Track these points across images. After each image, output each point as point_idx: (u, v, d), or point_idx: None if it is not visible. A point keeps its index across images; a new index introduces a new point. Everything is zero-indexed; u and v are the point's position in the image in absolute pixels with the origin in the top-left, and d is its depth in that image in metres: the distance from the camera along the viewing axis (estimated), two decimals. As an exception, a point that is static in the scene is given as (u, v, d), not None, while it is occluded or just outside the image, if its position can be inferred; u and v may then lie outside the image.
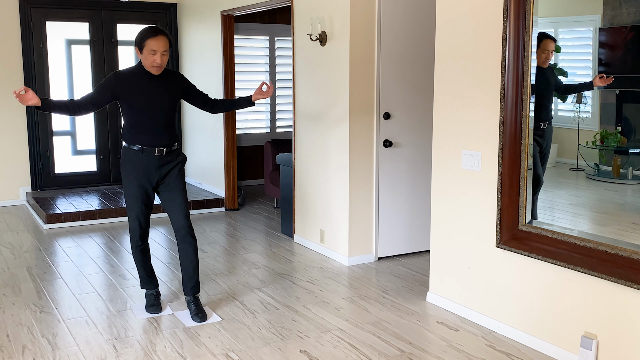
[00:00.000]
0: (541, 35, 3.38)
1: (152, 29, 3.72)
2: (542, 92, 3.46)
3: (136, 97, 3.76)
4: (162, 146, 3.82)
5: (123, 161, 3.88)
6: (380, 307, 4.11)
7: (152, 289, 4.10)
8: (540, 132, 3.49)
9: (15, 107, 7.32)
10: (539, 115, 3.46)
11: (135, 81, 3.78)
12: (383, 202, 5.05)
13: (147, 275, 4.08)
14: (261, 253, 5.40)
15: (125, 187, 3.89)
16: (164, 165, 3.85)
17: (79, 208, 6.56)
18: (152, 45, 3.66)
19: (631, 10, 3.05)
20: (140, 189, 3.84)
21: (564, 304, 3.30)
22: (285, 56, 8.49)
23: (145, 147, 3.79)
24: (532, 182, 3.48)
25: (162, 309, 4.07)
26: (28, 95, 3.49)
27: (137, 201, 3.86)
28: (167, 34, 3.75)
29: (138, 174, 3.82)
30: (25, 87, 3.48)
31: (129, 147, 3.83)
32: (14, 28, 7.24)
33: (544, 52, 3.41)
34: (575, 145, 3.41)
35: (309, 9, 5.23)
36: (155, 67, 3.72)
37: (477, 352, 3.45)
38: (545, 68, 3.45)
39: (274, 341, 3.61)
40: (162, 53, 3.69)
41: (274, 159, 6.94)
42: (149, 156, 3.80)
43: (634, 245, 2.97)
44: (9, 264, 5.07)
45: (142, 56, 3.72)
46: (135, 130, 3.80)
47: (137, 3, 7.80)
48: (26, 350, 3.50)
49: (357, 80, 4.84)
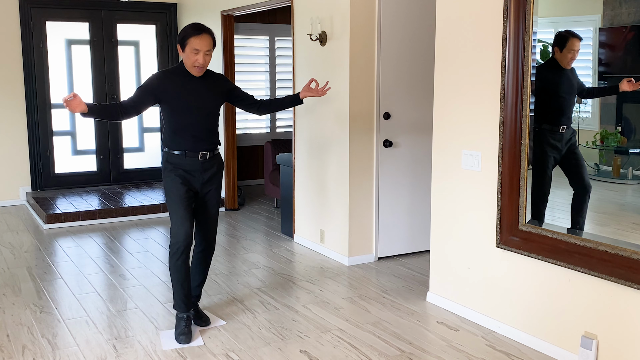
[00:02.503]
0: (567, 33, 3.23)
1: (196, 26, 3.49)
2: (564, 95, 3.32)
3: (179, 100, 3.53)
4: (204, 150, 3.61)
5: (164, 166, 3.63)
6: (380, 307, 4.11)
7: (185, 311, 3.65)
8: (559, 137, 3.36)
9: (16, 107, 7.32)
10: (559, 119, 3.33)
11: (178, 82, 3.55)
12: (383, 202, 5.05)
13: (184, 295, 3.64)
14: (261, 253, 5.40)
15: (167, 192, 3.60)
16: (207, 169, 3.65)
17: (79, 208, 6.56)
18: (195, 44, 3.44)
19: (631, 10, 3.05)
20: (185, 192, 3.57)
21: (564, 304, 3.30)
22: (285, 56, 8.49)
23: (188, 151, 3.58)
24: (541, 188, 3.35)
25: (193, 337, 3.63)
26: (76, 101, 3.26)
27: (182, 204, 3.55)
28: (212, 33, 3.52)
29: (181, 175, 3.58)
30: (74, 92, 3.27)
31: (170, 152, 3.61)
32: (14, 28, 7.24)
33: (570, 52, 3.25)
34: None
35: (309, 9, 5.23)
36: (197, 67, 3.50)
37: (477, 352, 3.45)
38: (569, 69, 3.29)
39: (274, 341, 3.61)
40: (205, 53, 3.47)
41: (274, 159, 6.94)
42: (191, 160, 3.59)
43: (634, 245, 2.97)
44: (9, 264, 5.07)
45: (183, 55, 3.50)
46: (177, 135, 3.58)
47: (137, 3, 7.80)
48: (26, 350, 3.50)
49: (357, 80, 4.84)
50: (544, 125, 3.40)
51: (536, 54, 3.37)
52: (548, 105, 3.39)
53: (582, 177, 3.35)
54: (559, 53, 3.32)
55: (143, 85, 3.57)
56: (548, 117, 3.40)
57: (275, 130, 8.74)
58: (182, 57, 3.54)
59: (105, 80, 7.74)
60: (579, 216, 3.30)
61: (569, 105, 3.36)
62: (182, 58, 3.53)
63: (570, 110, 3.36)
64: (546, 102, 3.39)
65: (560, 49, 3.31)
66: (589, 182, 3.29)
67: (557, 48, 3.33)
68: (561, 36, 3.27)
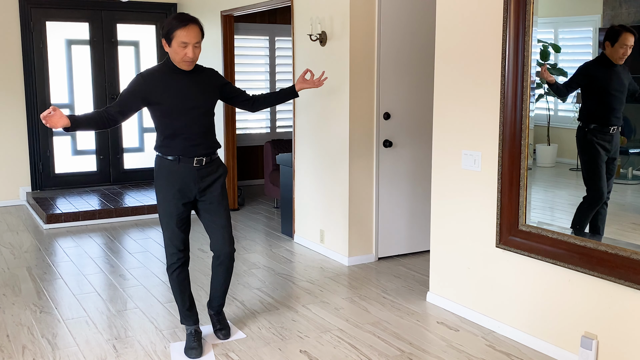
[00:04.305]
0: (620, 27, 3.06)
1: (181, 17, 3.19)
2: (615, 93, 3.16)
3: (168, 100, 3.25)
4: (200, 155, 3.32)
5: (157, 174, 3.37)
6: (380, 307, 4.11)
7: (191, 325, 3.51)
8: (608, 138, 3.17)
9: (16, 107, 7.32)
10: (609, 118, 3.15)
11: (165, 81, 3.26)
12: (383, 202, 5.05)
13: (186, 309, 3.50)
14: (261, 253, 5.40)
15: (159, 204, 3.38)
16: (203, 178, 3.35)
17: (79, 208, 6.56)
18: (182, 36, 3.14)
19: (631, 10, 3.05)
20: (177, 207, 3.33)
21: (563, 304, 3.30)
22: (285, 56, 8.49)
23: (182, 157, 3.30)
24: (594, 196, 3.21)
25: (204, 353, 3.45)
26: (56, 116, 2.99)
27: (173, 219, 3.34)
28: (199, 22, 3.23)
29: (173, 188, 3.31)
30: (53, 106, 2.99)
31: (163, 157, 3.33)
32: (14, 28, 7.24)
33: (622, 46, 3.04)
34: (575, 145, 3.41)
35: (309, 9, 5.23)
36: (187, 62, 3.21)
37: (477, 352, 3.45)
38: (620, 66, 3.09)
39: (274, 341, 3.61)
40: (195, 45, 3.18)
41: (274, 159, 6.94)
42: (186, 168, 3.30)
43: (634, 245, 2.97)
44: (9, 264, 5.07)
45: (170, 50, 3.21)
46: (169, 138, 3.29)
47: (137, 3, 7.80)
48: (26, 350, 3.50)
49: (357, 80, 4.84)
50: (592, 125, 3.23)
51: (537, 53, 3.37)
52: (597, 104, 3.24)
53: (609, 186, 3.21)
54: (610, 48, 3.11)
55: (127, 88, 3.27)
56: (597, 117, 3.22)
57: (275, 130, 8.74)
58: (168, 53, 3.25)
59: (105, 81, 7.74)
60: (600, 223, 3.18)
61: (620, 103, 3.15)
62: (169, 53, 3.24)
63: (621, 110, 3.15)
64: (595, 101, 3.23)
65: (611, 44, 3.09)
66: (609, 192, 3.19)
67: (608, 43, 3.12)
68: (614, 30, 3.06)
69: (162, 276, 4.77)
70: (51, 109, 2.98)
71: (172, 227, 3.36)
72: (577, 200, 3.38)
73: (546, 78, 3.38)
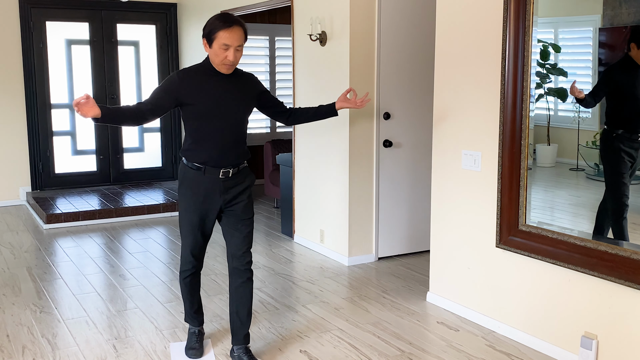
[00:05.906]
0: None
1: (225, 17, 3.02)
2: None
3: (202, 102, 3.07)
4: (228, 166, 3.14)
5: (180, 181, 3.21)
6: (380, 307, 4.11)
7: (196, 326, 3.48)
8: (637, 145, 3.01)
9: (16, 107, 7.32)
10: (637, 123, 2.97)
11: (202, 82, 3.09)
12: (383, 202, 5.05)
13: (193, 311, 3.45)
14: (261, 253, 5.40)
15: (181, 212, 3.23)
16: (229, 189, 3.17)
17: (79, 208, 6.56)
18: (224, 38, 2.98)
19: (631, 10, 3.05)
20: (199, 218, 3.18)
21: (564, 304, 3.30)
22: (285, 56, 8.49)
23: (208, 166, 3.12)
24: (616, 201, 3.09)
25: (204, 353, 3.44)
26: (89, 104, 2.83)
27: (194, 230, 3.21)
28: (243, 25, 3.05)
29: (197, 199, 3.15)
30: (86, 94, 2.84)
31: (188, 165, 3.16)
32: (14, 28, 7.24)
33: None
34: (575, 145, 3.41)
35: (309, 9, 5.23)
36: (226, 65, 3.05)
37: (477, 352, 3.45)
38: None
39: (274, 341, 3.61)
40: (236, 48, 3.02)
41: (274, 159, 6.94)
42: (211, 179, 3.13)
43: (634, 245, 2.97)
44: (9, 264, 5.07)
45: (210, 51, 3.04)
46: (197, 143, 3.12)
47: (137, 3, 7.80)
48: (26, 350, 3.50)
49: (357, 80, 4.84)
50: (619, 131, 3.07)
51: (537, 53, 3.38)
52: (623, 109, 3.08)
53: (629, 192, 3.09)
54: (636, 49, 2.93)
55: (162, 85, 3.11)
56: (624, 122, 3.06)
57: (275, 130, 8.74)
58: (208, 53, 3.09)
59: (105, 81, 7.74)
60: (622, 223, 3.08)
61: None
62: (209, 54, 3.08)
63: None
64: (622, 105, 3.08)
65: (637, 46, 2.92)
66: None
67: (633, 44, 2.94)
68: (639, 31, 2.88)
69: (162, 276, 4.77)
70: (85, 96, 2.83)
71: (192, 236, 3.24)
72: (578, 200, 3.39)
73: (576, 95, 3.22)
